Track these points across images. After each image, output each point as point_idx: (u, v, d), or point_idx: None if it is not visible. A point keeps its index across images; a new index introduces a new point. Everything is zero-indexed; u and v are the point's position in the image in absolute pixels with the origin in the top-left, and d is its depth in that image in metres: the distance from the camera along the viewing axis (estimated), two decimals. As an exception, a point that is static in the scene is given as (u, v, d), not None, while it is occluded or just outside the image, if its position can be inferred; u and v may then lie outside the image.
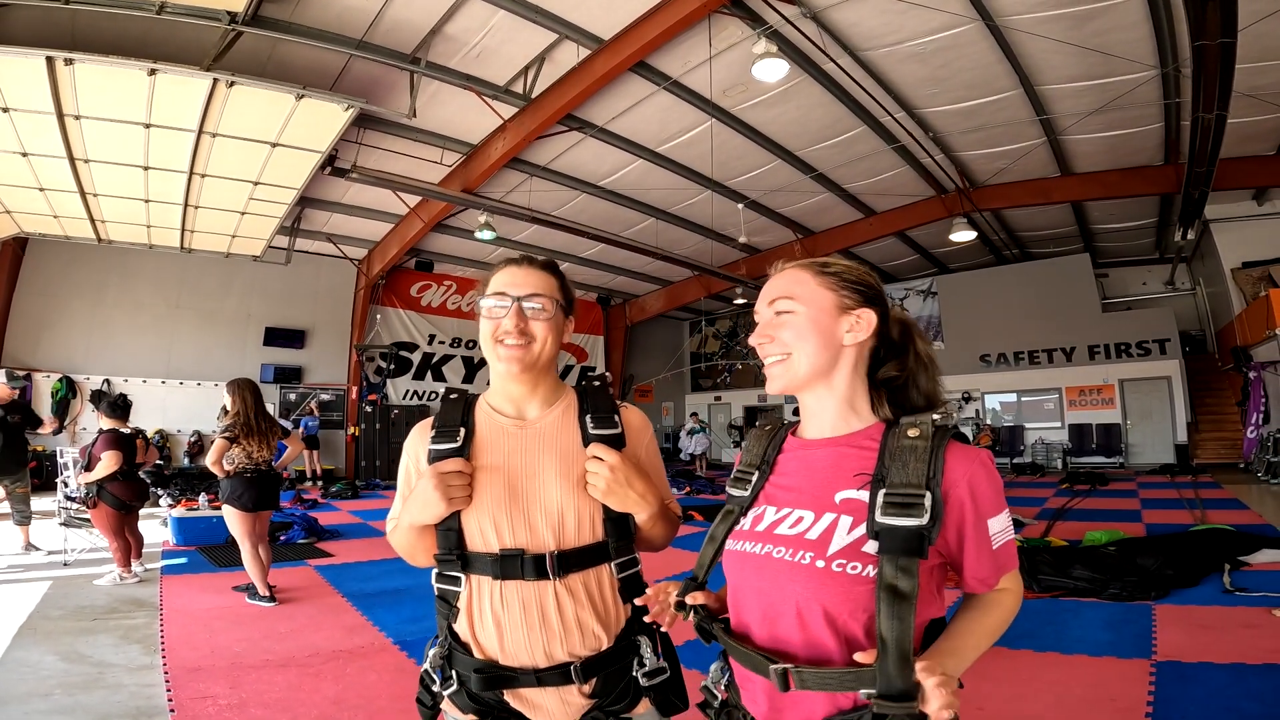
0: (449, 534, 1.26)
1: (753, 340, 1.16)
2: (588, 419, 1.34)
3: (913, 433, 1.03)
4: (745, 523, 1.12)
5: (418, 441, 1.37)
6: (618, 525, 1.29)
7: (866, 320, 1.11)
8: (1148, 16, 8.25)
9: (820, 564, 0.98)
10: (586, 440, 1.31)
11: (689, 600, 1.14)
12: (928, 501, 0.96)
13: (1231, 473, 13.55)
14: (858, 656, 0.92)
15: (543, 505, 1.26)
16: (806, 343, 1.09)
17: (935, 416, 1.05)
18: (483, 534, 1.25)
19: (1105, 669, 3.48)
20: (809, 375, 1.10)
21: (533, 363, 1.31)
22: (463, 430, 1.32)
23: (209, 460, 4.95)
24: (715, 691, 1.14)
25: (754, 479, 1.16)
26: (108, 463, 5.52)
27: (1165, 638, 3.89)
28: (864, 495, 1.01)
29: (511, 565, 1.23)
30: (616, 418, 1.36)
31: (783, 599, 1.01)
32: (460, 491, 1.24)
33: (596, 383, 1.41)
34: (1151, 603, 4.58)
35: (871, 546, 0.96)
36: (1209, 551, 5.41)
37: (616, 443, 1.32)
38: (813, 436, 1.14)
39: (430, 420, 1.37)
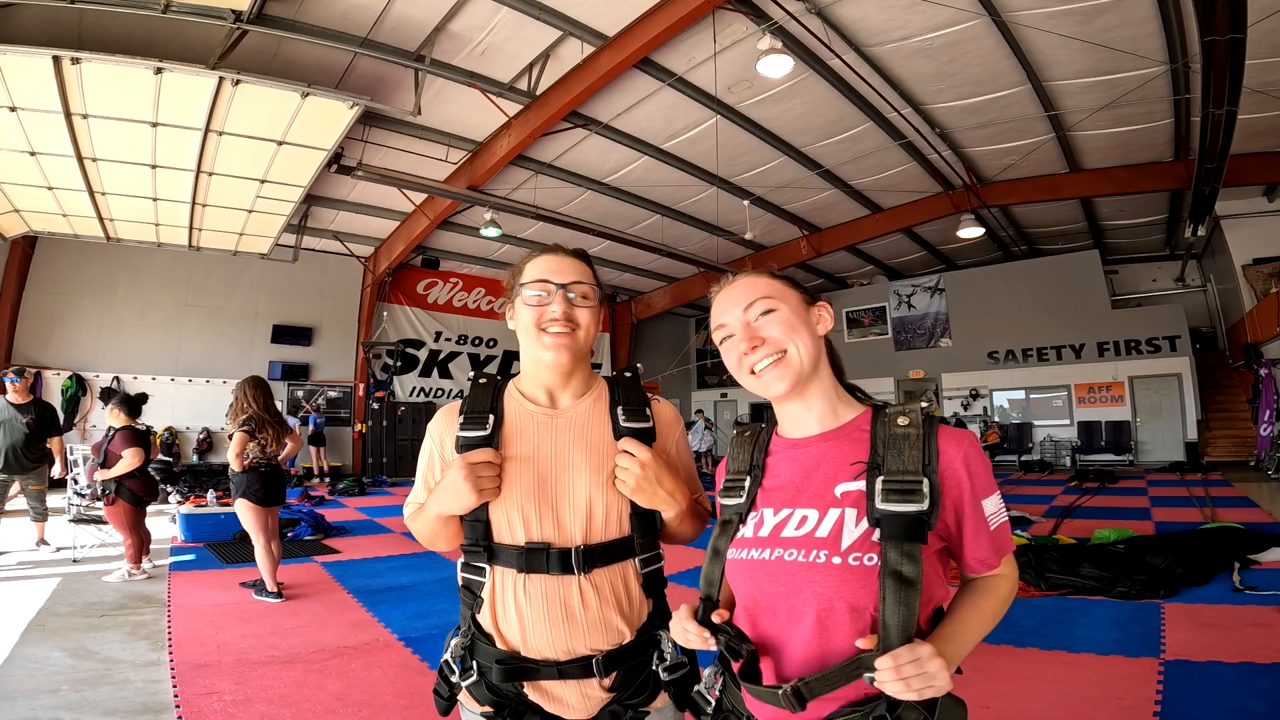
0: (476, 525, 1.25)
1: (736, 350, 1.11)
2: (619, 411, 1.32)
3: (903, 421, 1.03)
4: (746, 530, 1.09)
5: (444, 426, 1.35)
6: (644, 521, 1.27)
7: (829, 312, 1.15)
8: (1156, 12, 8.19)
9: (837, 560, 0.97)
10: (618, 433, 1.30)
11: (716, 619, 1.08)
12: (926, 487, 0.97)
13: (1242, 470, 13.45)
14: (859, 642, 0.92)
15: (571, 499, 1.25)
16: (799, 334, 1.09)
17: (923, 404, 1.05)
18: (510, 526, 1.24)
19: (1112, 668, 3.45)
20: (809, 368, 1.09)
21: (578, 350, 1.30)
22: (491, 417, 1.30)
23: (230, 454, 4.98)
24: (709, 696, 1.12)
25: (746, 484, 1.14)
26: (131, 459, 5.54)
27: (1174, 637, 3.86)
28: (862, 485, 1.00)
29: (537, 559, 1.22)
30: (648, 411, 1.35)
31: (801, 602, 0.99)
32: (490, 483, 1.22)
33: (628, 374, 1.40)
34: (1160, 601, 4.54)
35: (879, 535, 0.96)
36: (1219, 550, 5.36)
37: (648, 437, 1.31)
38: (800, 436, 1.13)
39: (457, 405, 1.35)
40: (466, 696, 1.28)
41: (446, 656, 1.30)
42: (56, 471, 6.78)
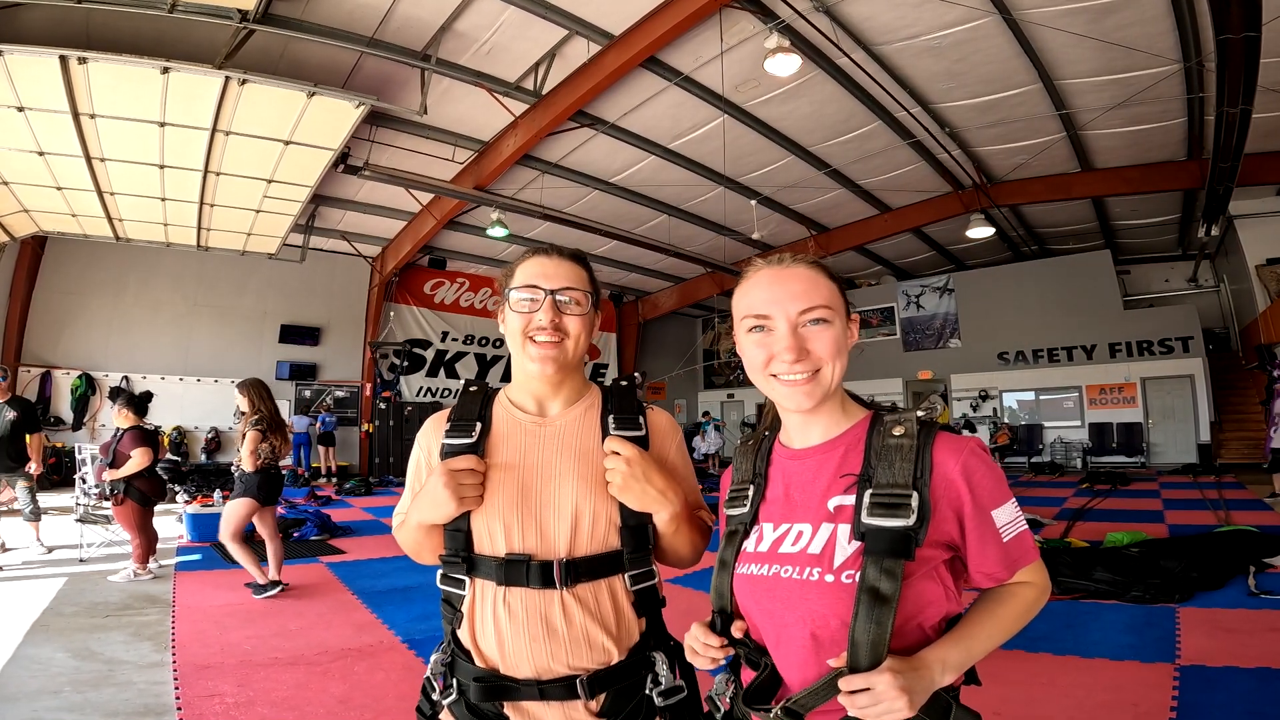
0: (456, 535, 1.20)
1: (770, 349, 1.03)
2: (610, 419, 1.26)
3: (897, 431, 0.99)
4: (749, 544, 1.07)
5: (431, 434, 1.30)
6: (635, 534, 1.20)
7: (858, 325, 1.10)
8: (1170, 10, 8.11)
9: (829, 578, 0.95)
10: None
11: (736, 632, 1.05)
12: (915, 502, 0.93)
13: (1255, 473, 13.29)
14: (830, 661, 0.91)
15: (556, 508, 1.19)
16: (840, 358, 1.03)
17: (919, 413, 1.01)
18: (490, 536, 1.18)
19: (1127, 673, 3.40)
20: (834, 389, 1.04)
21: (566, 360, 1.24)
22: (478, 425, 1.25)
23: (244, 452, 5.01)
24: (719, 704, 1.09)
25: (750, 494, 1.11)
26: (140, 458, 5.56)
27: (1189, 641, 3.80)
28: (853, 499, 0.98)
29: (516, 571, 1.16)
30: (641, 419, 1.28)
31: (795, 620, 0.97)
32: (472, 491, 1.17)
33: (625, 383, 1.34)
34: (1175, 605, 4.48)
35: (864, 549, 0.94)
36: (1233, 553, 5.29)
37: (640, 445, 1.24)
38: (802, 445, 1.09)
39: (446, 412, 1.31)
40: (449, 715, 1.22)
41: (428, 673, 1.25)
42: (33, 469, 6.66)
